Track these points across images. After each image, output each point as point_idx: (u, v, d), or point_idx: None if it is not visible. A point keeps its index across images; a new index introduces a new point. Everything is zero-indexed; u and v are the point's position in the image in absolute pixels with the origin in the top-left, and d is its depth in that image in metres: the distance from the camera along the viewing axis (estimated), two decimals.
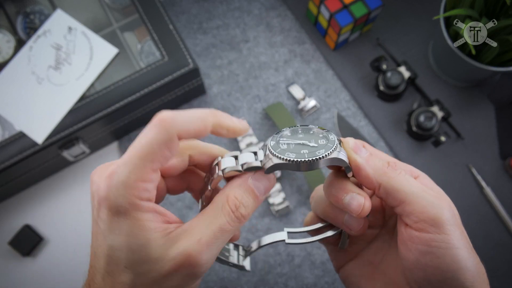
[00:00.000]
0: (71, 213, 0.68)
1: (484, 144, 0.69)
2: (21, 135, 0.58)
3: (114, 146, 0.70)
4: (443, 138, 0.66)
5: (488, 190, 0.66)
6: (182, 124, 0.25)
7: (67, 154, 0.63)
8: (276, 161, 0.26)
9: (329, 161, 0.26)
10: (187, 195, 0.68)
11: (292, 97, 0.71)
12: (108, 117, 0.60)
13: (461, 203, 0.66)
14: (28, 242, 0.65)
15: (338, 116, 0.70)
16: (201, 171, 0.32)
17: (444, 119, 0.67)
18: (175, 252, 0.25)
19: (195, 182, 0.32)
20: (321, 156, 0.26)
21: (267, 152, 0.27)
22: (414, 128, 0.67)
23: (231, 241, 0.33)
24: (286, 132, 0.28)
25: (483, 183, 0.66)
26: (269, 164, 0.26)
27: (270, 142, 0.27)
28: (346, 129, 0.70)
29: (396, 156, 0.69)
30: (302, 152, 0.26)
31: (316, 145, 0.27)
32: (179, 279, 0.25)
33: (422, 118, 0.66)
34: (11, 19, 0.62)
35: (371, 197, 0.32)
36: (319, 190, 0.33)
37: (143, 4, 0.62)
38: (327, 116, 0.71)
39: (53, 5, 0.62)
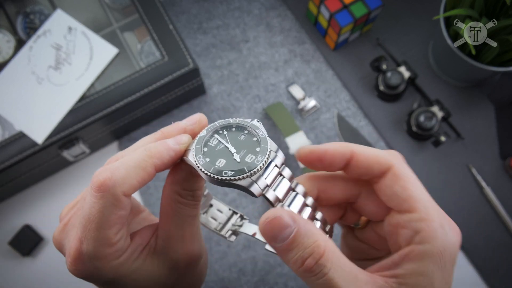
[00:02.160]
0: None
1: (484, 144, 0.69)
2: (21, 135, 0.58)
3: (114, 146, 0.70)
4: (443, 138, 0.66)
5: (488, 190, 0.66)
6: (124, 182, 0.24)
7: (67, 154, 0.63)
8: (190, 159, 0.26)
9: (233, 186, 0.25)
10: None
11: (292, 97, 0.71)
12: (108, 117, 0.60)
13: (461, 203, 0.66)
14: (28, 242, 0.65)
15: (338, 116, 0.70)
16: None
17: (444, 119, 0.67)
18: (173, 261, 0.27)
19: None
20: (223, 179, 0.24)
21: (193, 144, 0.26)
22: (414, 128, 0.67)
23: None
24: (233, 126, 0.27)
25: (483, 183, 0.66)
26: (185, 156, 0.26)
27: (203, 132, 0.27)
28: (346, 129, 0.70)
29: None
30: (217, 162, 0.25)
31: (238, 160, 0.25)
32: (192, 270, 0.28)
33: (422, 118, 0.66)
34: (11, 19, 0.62)
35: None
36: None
37: (143, 4, 0.62)
38: (327, 116, 0.71)
39: (53, 5, 0.62)
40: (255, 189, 0.24)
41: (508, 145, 0.68)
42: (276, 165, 0.26)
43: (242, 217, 0.34)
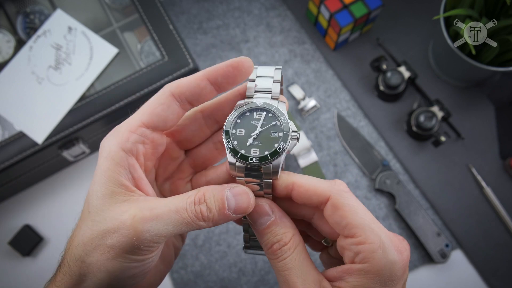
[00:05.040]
0: (71, 213, 0.67)
1: (484, 144, 0.69)
2: (21, 135, 0.58)
3: None
4: (443, 138, 0.66)
5: (488, 190, 0.66)
6: (175, 83, 0.28)
7: (67, 154, 0.63)
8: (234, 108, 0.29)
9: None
10: None
11: (292, 97, 0.71)
12: (108, 117, 0.60)
13: (461, 203, 0.66)
14: (28, 242, 0.65)
15: (338, 116, 0.70)
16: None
17: (444, 119, 0.67)
18: (125, 211, 0.25)
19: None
20: (224, 143, 0.28)
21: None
22: (414, 128, 0.67)
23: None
24: (278, 120, 0.28)
25: (483, 183, 0.66)
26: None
27: (260, 102, 0.28)
28: (346, 129, 0.70)
29: (396, 156, 0.69)
30: (239, 129, 0.28)
31: (248, 143, 0.28)
32: (118, 239, 0.25)
33: (422, 118, 0.66)
34: (11, 19, 0.62)
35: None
36: None
37: (143, 4, 0.62)
38: (327, 116, 0.71)
39: (53, 5, 0.62)
40: (231, 168, 0.28)
41: (508, 145, 0.68)
42: (261, 177, 0.28)
43: None
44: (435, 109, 0.67)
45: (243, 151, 0.27)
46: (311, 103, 0.70)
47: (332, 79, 0.72)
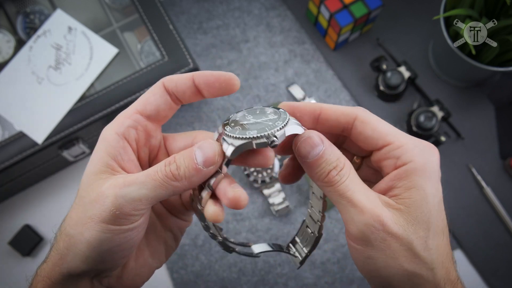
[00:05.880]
0: None
1: (484, 144, 0.69)
2: (21, 135, 0.58)
3: None
4: (443, 138, 0.66)
5: (488, 190, 0.66)
6: (168, 76, 0.30)
7: (67, 154, 0.63)
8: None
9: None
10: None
11: (292, 97, 0.71)
12: (108, 117, 0.60)
13: (461, 203, 0.66)
14: (28, 242, 0.65)
15: None
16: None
17: (444, 119, 0.67)
18: (104, 183, 0.27)
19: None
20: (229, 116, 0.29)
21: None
22: (414, 128, 0.67)
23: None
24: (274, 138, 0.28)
25: (483, 183, 0.66)
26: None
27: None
28: None
29: None
30: (246, 119, 0.29)
31: (246, 122, 0.28)
32: (97, 208, 0.26)
33: (422, 118, 0.66)
34: (11, 19, 0.62)
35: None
36: None
37: (143, 4, 0.62)
38: None
39: (53, 5, 0.62)
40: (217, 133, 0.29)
41: (508, 145, 0.68)
42: (226, 154, 0.27)
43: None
44: (435, 109, 0.67)
45: (231, 123, 0.29)
46: None
47: (332, 79, 0.72)
